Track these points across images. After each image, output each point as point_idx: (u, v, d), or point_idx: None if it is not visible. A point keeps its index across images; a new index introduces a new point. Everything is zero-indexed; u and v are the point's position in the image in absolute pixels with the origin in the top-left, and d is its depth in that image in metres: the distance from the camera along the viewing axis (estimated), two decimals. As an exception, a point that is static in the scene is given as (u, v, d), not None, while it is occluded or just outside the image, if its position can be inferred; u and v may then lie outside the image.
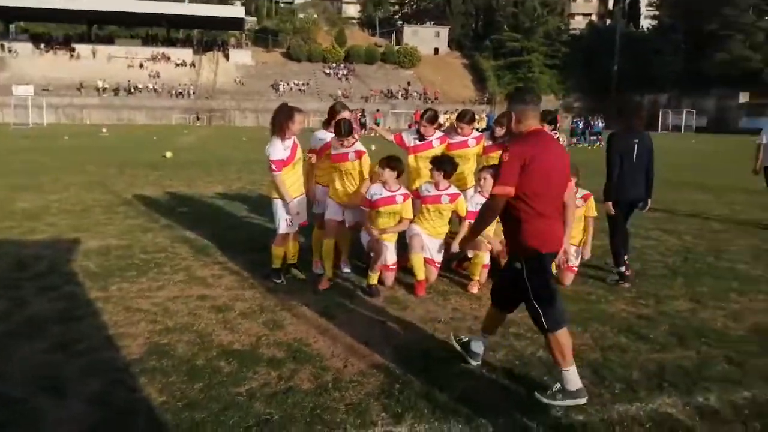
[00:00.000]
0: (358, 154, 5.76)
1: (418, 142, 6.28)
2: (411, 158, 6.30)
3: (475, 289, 5.59)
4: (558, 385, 3.48)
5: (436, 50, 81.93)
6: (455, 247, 5.80)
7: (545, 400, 3.42)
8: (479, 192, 5.77)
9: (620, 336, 4.53)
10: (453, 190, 5.84)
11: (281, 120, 5.58)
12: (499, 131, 6.15)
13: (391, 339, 4.41)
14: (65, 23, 72.70)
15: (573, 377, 3.43)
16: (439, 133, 6.29)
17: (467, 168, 6.34)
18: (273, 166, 5.55)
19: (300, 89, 67.43)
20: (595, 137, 34.05)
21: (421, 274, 5.56)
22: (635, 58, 68.06)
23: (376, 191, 5.64)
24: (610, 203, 5.83)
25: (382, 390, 3.58)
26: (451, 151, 6.18)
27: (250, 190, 12.17)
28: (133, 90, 61.81)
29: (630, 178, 5.74)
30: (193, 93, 63.07)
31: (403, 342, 4.36)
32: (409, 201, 5.72)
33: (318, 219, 6.19)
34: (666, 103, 63.13)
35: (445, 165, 5.75)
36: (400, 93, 69.12)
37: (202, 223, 8.50)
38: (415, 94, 69.77)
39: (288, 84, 67.53)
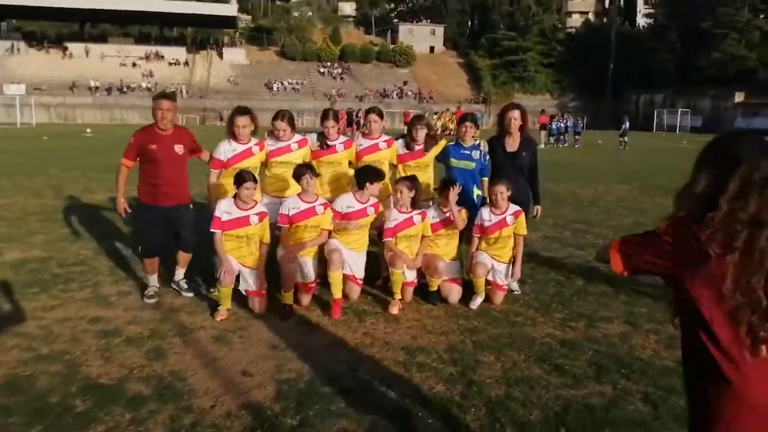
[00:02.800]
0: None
1: (318, 147, 5.76)
2: (314, 164, 5.72)
3: (395, 310, 5.19)
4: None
5: (432, 49, 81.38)
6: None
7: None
8: (395, 207, 5.38)
9: (534, 366, 4.13)
10: (373, 200, 5.44)
11: (228, 122, 5.60)
12: (421, 134, 5.69)
13: (279, 370, 4.01)
14: (58, 21, 72.21)
15: (153, 281, 5.50)
16: (343, 138, 5.84)
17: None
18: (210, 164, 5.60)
19: (294, 88, 66.97)
20: (578, 137, 33.63)
21: (338, 293, 5.16)
22: (631, 56, 67.37)
23: (293, 204, 5.25)
24: None
25: (240, 436, 3.19)
26: (362, 157, 5.75)
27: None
28: (125, 89, 61.36)
29: None
30: (187, 92, 62.61)
31: (292, 374, 3.96)
32: (329, 210, 5.32)
33: None
34: (662, 102, 62.58)
35: (375, 176, 5.34)
36: (395, 92, 68.61)
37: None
38: (410, 93, 69.24)
39: (282, 83, 67.06)
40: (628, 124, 31.59)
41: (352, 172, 5.82)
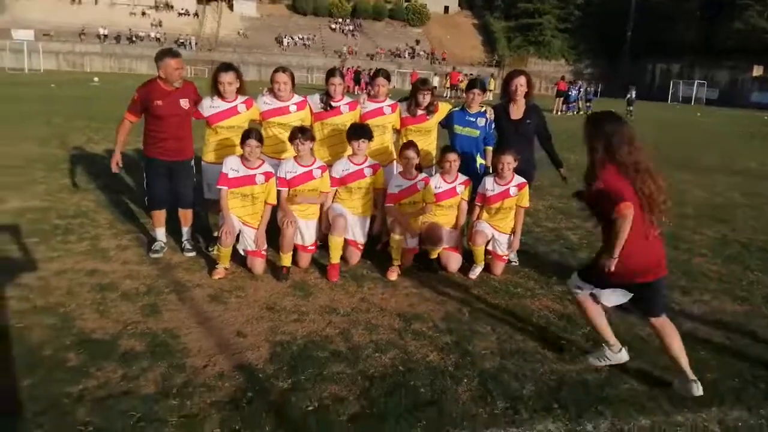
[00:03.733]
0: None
1: (322, 108, 5.57)
2: (317, 126, 5.60)
3: (393, 275, 5.15)
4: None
5: (446, 9, 79.66)
6: (374, 229, 5.40)
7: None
8: (399, 173, 5.30)
9: (530, 340, 4.10)
10: (371, 161, 5.35)
11: (212, 79, 5.42)
12: (426, 99, 5.54)
13: (273, 332, 4.00)
14: (67, -34, 70.81)
15: (161, 235, 5.52)
16: (348, 99, 5.67)
17: (386, 138, 5.72)
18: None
19: (305, 44, 65.95)
20: (589, 104, 33.12)
21: (336, 258, 5.11)
22: (649, 24, 65.72)
23: (290, 168, 5.15)
24: None
25: (232, 399, 3.18)
26: (366, 120, 5.56)
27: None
28: (134, 38, 60.55)
29: None
30: (196, 44, 61.71)
31: (286, 336, 3.95)
32: (327, 173, 5.23)
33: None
34: (678, 72, 61.38)
35: (366, 133, 5.25)
36: (406, 52, 67.45)
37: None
38: (422, 53, 68.12)
39: (292, 38, 66.02)
40: (634, 94, 31.10)
41: None
